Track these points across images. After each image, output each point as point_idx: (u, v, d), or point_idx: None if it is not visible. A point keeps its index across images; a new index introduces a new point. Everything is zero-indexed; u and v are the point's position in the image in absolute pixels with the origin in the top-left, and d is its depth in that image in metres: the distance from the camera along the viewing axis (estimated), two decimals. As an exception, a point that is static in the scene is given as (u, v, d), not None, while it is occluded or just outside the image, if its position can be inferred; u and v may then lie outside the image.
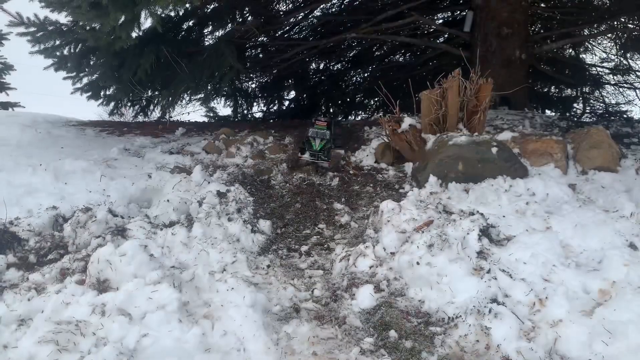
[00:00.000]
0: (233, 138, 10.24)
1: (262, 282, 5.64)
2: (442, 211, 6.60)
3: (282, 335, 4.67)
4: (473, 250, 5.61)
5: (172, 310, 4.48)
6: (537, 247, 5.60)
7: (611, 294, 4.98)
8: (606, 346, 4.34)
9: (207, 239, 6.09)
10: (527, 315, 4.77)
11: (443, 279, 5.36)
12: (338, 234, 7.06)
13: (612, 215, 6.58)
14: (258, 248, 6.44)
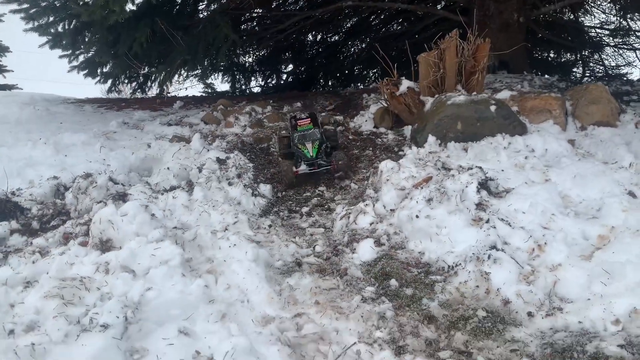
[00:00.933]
0: (231, 109, 10.23)
1: (264, 240, 5.69)
2: (441, 168, 6.62)
3: (284, 287, 4.73)
4: (472, 202, 5.64)
5: (175, 265, 4.53)
6: (536, 197, 5.62)
7: (610, 238, 5.02)
8: (605, 286, 4.38)
9: (208, 202, 6.13)
10: (526, 261, 4.82)
11: (442, 231, 5.40)
12: (338, 195, 7.09)
13: (611, 167, 6.58)
14: (259, 210, 6.48)
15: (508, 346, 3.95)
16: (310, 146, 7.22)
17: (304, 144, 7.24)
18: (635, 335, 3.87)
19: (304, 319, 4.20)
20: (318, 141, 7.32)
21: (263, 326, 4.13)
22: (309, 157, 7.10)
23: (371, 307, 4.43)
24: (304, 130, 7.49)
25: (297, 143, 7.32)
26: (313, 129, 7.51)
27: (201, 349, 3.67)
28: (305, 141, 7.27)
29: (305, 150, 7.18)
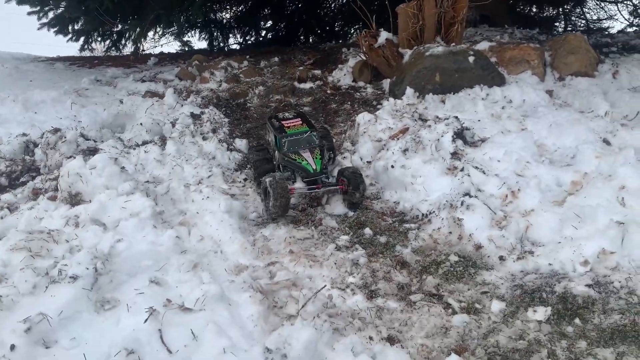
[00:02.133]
0: (207, 64, 9.99)
1: (239, 193, 5.63)
2: (418, 119, 6.56)
3: (258, 237, 4.71)
4: (447, 151, 5.61)
5: (146, 217, 4.46)
6: (511, 145, 5.61)
7: (583, 184, 5.04)
8: (575, 230, 4.42)
9: (181, 156, 6.02)
10: (499, 207, 4.83)
11: (417, 180, 5.38)
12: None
13: (587, 115, 6.57)
14: (234, 165, 6.39)
15: (479, 289, 3.99)
16: (309, 156, 5.21)
17: (298, 153, 5.25)
18: (602, 275, 3.93)
19: (277, 267, 4.19)
20: (318, 148, 5.33)
21: (236, 275, 4.12)
22: (310, 171, 5.12)
23: (345, 255, 4.43)
24: (296, 134, 5.42)
25: (288, 152, 5.28)
26: (308, 131, 5.48)
27: (172, 297, 3.65)
28: (300, 149, 5.29)
29: (304, 163, 5.16)
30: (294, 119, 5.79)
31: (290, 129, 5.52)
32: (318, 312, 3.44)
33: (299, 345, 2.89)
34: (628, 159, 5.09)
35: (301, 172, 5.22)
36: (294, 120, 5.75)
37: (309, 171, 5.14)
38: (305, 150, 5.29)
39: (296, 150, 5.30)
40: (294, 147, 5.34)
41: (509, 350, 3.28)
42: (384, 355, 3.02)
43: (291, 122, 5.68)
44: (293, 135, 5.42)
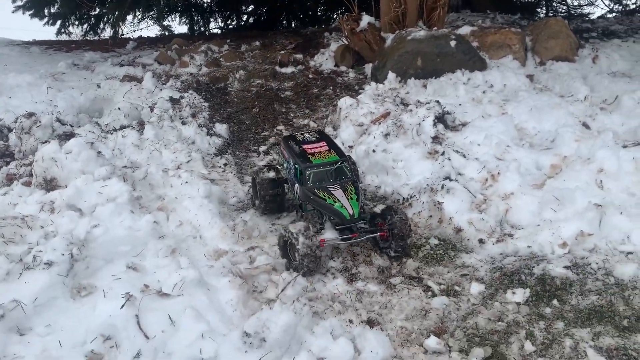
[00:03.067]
0: (186, 48, 9.83)
1: (219, 178, 5.58)
2: (400, 103, 6.53)
3: (238, 222, 4.65)
4: (428, 135, 5.60)
5: (123, 202, 4.38)
6: (491, 129, 5.61)
7: (562, 167, 5.08)
8: (554, 212, 4.45)
9: (160, 141, 5.93)
10: (479, 190, 4.84)
11: (398, 164, 5.37)
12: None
13: (567, 100, 6.61)
14: (215, 150, 6.32)
15: (458, 271, 4.00)
16: (342, 196, 4.07)
17: (327, 190, 4.11)
18: (580, 257, 3.96)
19: (257, 251, 4.16)
20: (351, 184, 4.20)
21: (215, 260, 4.08)
22: (347, 217, 3.98)
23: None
24: (323, 165, 4.24)
25: (314, 188, 4.15)
26: (339, 161, 4.29)
27: (150, 282, 3.59)
28: (330, 185, 4.15)
29: (337, 205, 4.01)
30: (317, 142, 4.58)
31: (316, 158, 4.30)
32: (298, 295, 3.42)
33: (278, 329, 2.86)
34: (606, 142, 5.14)
35: (332, 216, 4.07)
36: (317, 144, 4.53)
37: (345, 217, 3.96)
38: (336, 187, 4.11)
39: (324, 186, 4.12)
40: (321, 181, 4.16)
41: (488, 331, 3.30)
42: (363, 337, 3.01)
43: (315, 147, 4.47)
44: (320, 167, 4.20)
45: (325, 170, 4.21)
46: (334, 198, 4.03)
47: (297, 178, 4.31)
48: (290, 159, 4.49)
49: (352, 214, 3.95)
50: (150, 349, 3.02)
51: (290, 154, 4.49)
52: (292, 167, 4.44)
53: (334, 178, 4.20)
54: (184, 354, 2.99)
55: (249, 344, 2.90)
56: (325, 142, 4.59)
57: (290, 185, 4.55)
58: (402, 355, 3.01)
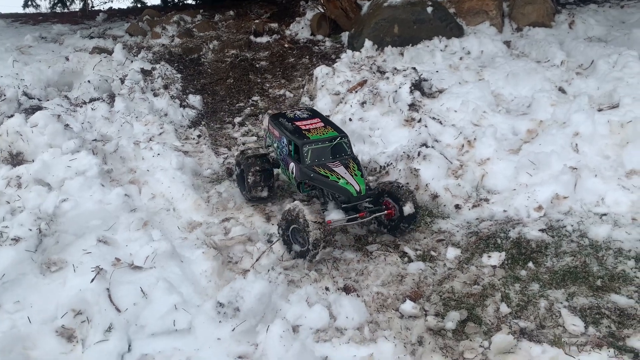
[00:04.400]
0: (158, 19, 9.55)
1: (193, 150, 5.46)
2: (377, 71, 6.45)
3: (212, 194, 4.57)
4: (405, 103, 5.54)
5: (92, 176, 4.26)
6: (468, 95, 5.57)
7: (538, 131, 5.07)
8: (530, 177, 4.45)
9: (131, 113, 5.77)
10: (455, 156, 4.82)
11: (375, 132, 5.32)
12: (273, 104, 6.85)
13: (543, 65, 6.58)
14: (188, 122, 6.19)
15: (435, 237, 3.99)
16: (345, 173, 3.80)
17: (328, 167, 3.84)
18: (555, 219, 3.98)
19: (232, 222, 4.10)
20: (352, 161, 3.96)
21: (189, 232, 4.01)
22: (354, 194, 3.68)
23: (302, 209, 4.35)
24: (322, 141, 3.98)
25: (313, 166, 3.88)
26: (338, 137, 4.05)
27: (121, 256, 3.51)
28: (329, 162, 3.91)
29: (342, 182, 3.72)
30: (310, 119, 4.31)
31: (312, 134, 4.03)
32: (273, 264, 3.38)
33: (252, 298, 2.82)
34: (582, 105, 5.12)
35: (338, 194, 3.77)
36: (311, 121, 4.26)
37: (352, 194, 3.66)
38: (337, 164, 3.87)
39: (324, 163, 3.88)
40: (320, 158, 3.91)
41: (464, 295, 3.30)
42: (338, 304, 2.99)
43: (309, 124, 4.20)
44: (318, 143, 3.94)
45: (323, 146, 3.95)
46: (337, 175, 3.76)
47: (292, 157, 4.05)
48: (282, 137, 4.21)
49: (358, 190, 3.67)
50: (122, 322, 2.96)
51: (283, 132, 4.20)
52: (284, 145, 4.18)
53: (333, 155, 3.96)
54: (157, 326, 2.94)
55: (223, 314, 2.86)
56: (320, 119, 4.33)
57: (284, 165, 4.27)
58: (377, 320, 2.99)
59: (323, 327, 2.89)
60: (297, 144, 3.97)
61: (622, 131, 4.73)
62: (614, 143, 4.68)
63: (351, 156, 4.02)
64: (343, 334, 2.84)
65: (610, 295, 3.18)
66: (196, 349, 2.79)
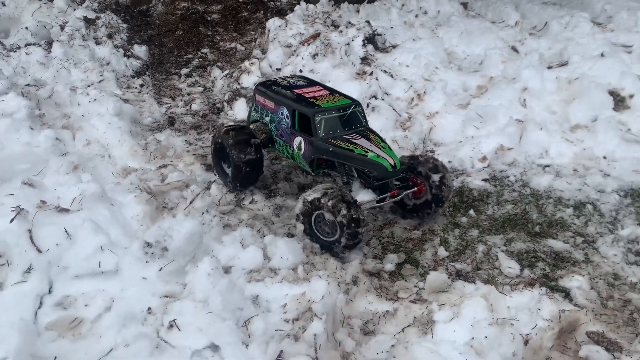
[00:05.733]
0: (106, -32, 9.04)
1: (134, 99, 5.22)
2: (330, 25, 6.28)
3: (151, 141, 4.37)
4: (357, 56, 5.41)
5: (21, 118, 3.98)
6: (421, 51, 5.48)
7: (488, 87, 5.04)
8: (477, 130, 4.43)
9: (70, 59, 5.45)
10: (404, 109, 4.75)
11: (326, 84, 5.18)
12: (223, 57, 6.61)
13: (498, 25, 6.55)
14: (132, 71, 5.90)
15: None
16: (372, 146, 3.24)
17: (350, 141, 3.26)
18: (499, 170, 3.98)
19: (169, 169, 3.92)
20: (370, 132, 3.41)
21: (124, 177, 3.82)
22: (389, 169, 3.12)
23: (245, 158, 4.22)
24: (336, 109, 3.38)
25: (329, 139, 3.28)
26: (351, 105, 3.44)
27: (48, 199, 3.29)
28: (348, 135, 3.31)
29: (372, 155, 3.16)
30: (310, 86, 3.71)
31: (321, 101, 3.42)
32: (207, 207, 3.24)
33: (181, 237, 2.68)
34: (532, 62, 5.13)
35: (370, 170, 3.23)
36: (312, 88, 3.66)
37: (386, 169, 3.10)
38: (355, 136, 3.29)
39: (340, 135, 3.28)
40: (335, 130, 3.31)
41: (403, 239, 3.26)
42: (274, 245, 2.89)
43: (312, 91, 3.58)
44: (332, 111, 3.34)
45: (338, 115, 3.33)
46: (362, 148, 3.16)
47: (297, 130, 3.41)
48: (281, 107, 3.54)
49: (393, 164, 3.10)
50: (43, 263, 2.78)
51: (281, 102, 3.53)
52: (283, 118, 3.52)
53: (348, 126, 3.35)
54: (80, 267, 2.78)
55: (151, 254, 2.71)
56: (321, 86, 3.72)
57: (284, 142, 3.56)
58: (313, 261, 2.91)
59: (256, 267, 2.80)
60: (305, 113, 3.32)
61: (570, 87, 4.76)
62: (561, 99, 4.71)
63: (367, 127, 3.44)
64: (277, 274, 2.75)
65: (547, 241, 3.20)
66: (121, 289, 2.65)
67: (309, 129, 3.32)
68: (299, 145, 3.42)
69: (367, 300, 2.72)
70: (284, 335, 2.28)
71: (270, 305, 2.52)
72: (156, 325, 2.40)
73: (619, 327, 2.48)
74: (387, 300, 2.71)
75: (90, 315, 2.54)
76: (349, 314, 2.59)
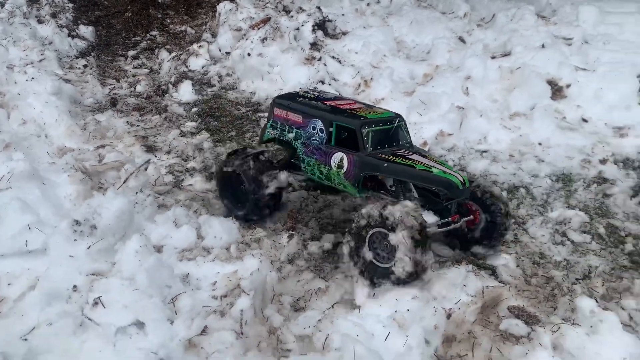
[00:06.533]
0: (53, -54, 8.71)
1: (77, 79, 5.08)
2: (282, 10, 6.25)
3: (90, 121, 4.26)
4: (307, 41, 5.41)
5: (-51, 95, 3.84)
6: (370, 39, 5.52)
7: (433, 75, 5.13)
8: (420, 116, 4.50)
9: (8, 37, 5.24)
10: (351, 95, 4.78)
11: (274, 69, 5.17)
12: (173, 40, 6.49)
13: (448, 16, 6.67)
14: (76, 52, 5.74)
15: (322, 170, 3.95)
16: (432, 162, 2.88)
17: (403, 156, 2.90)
18: (438, 155, 4.05)
19: (107, 149, 3.82)
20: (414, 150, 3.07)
21: (59, 157, 3.71)
22: (459, 187, 2.75)
23: (189, 140, 4.17)
24: (382, 121, 3.01)
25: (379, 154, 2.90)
26: (396, 118, 3.09)
27: (-26, 179, 3.18)
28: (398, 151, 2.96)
29: (437, 172, 2.80)
30: (339, 99, 3.44)
31: (363, 113, 3.04)
32: (142, 186, 3.18)
33: (110, 215, 2.63)
34: (476, 51, 5.24)
35: (437, 189, 2.81)
36: (344, 101, 3.36)
37: (457, 187, 2.72)
38: (407, 152, 2.94)
39: (388, 151, 2.91)
40: (382, 146, 2.94)
41: (341, 220, 3.29)
42: (208, 225, 2.87)
43: (346, 103, 3.21)
44: (379, 124, 2.97)
45: (385, 129, 2.95)
46: (422, 164, 2.78)
47: (336, 144, 2.96)
48: (312, 121, 3.07)
49: (462, 181, 2.72)
50: (-35, 243, 2.68)
51: (313, 114, 3.08)
52: (316, 132, 3.04)
53: (395, 142, 2.99)
54: (6, 246, 2.69)
55: (79, 233, 2.65)
56: (351, 100, 3.42)
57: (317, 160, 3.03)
58: (248, 241, 2.91)
59: (189, 246, 2.78)
60: (350, 125, 2.92)
61: (512, 77, 4.89)
62: (502, 88, 4.83)
63: (411, 145, 3.05)
64: (209, 252, 2.74)
65: (480, 222, 3.28)
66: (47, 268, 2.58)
67: (352, 144, 2.89)
68: (340, 162, 2.94)
69: (302, 278, 2.74)
70: (211, 311, 2.28)
71: (201, 283, 2.51)
72: (81, 303, 2.34)
73: (540, 302, 2.58)
74: (320, 279, 2.74)
75: (12, 294, 2.47)
76: (281, 292, 2.60)
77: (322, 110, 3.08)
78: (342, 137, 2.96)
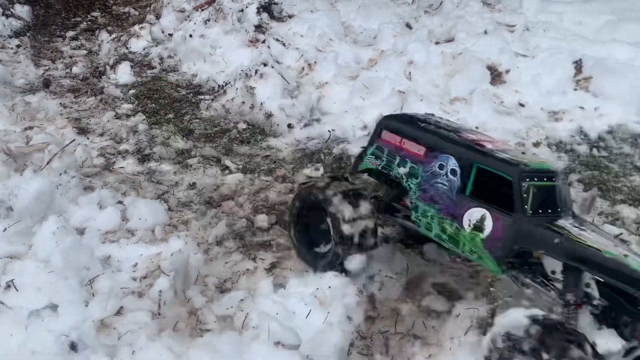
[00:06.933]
0: None
1: (8, 59, 4.87)
2: (227, -7, 6.13)
3: (18, 102, 4.08)
4: (251, 23, 5.32)
5: None
6: (316, 22, 5.48)
7: (377, 60, 5.14)
8: (363, 100, 4.51)
9: None
10: (294, 78, 4.73)
11: (217, 51, 5.08)
12: (115, 21, 6.29)
13: (396, 2, 6.66)
14: (10, 31, 5.49)
15: (262, 153, 3.92)
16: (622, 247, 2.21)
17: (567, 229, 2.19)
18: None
19: (35, 131, 3.68)
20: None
21: (-17, 139, 3.54)
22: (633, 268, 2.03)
23: (123, 122, 4.05)
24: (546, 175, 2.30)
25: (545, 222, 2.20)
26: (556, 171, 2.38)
27: None
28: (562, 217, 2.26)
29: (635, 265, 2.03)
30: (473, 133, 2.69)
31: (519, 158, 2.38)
32: (66, 167, 3.07)
33: (28, 196, 2.52)
34: (420, 37, 5.26)
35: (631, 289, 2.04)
36: (482, 136, 2.66)
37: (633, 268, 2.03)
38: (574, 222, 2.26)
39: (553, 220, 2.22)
40: (545, 209, 2.25)
41: (277, 202, 3.27)
42: (133, 206, 2.79)
43: (489, 141, 2.54)
44: (544, 177, 2.28)
45: (550, 185, 2.26)
46: (611, 251, 2.06)
47: (475, 197, 2.29)
48: (441, 156, 2.40)
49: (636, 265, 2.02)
50: None
51: (444, 147, 2.41)
52: (444, 173, 2.38)
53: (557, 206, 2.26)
54: None
55: (-5, 215, 2.54)
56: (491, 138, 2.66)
57: (439, 212, 2.38)
58: (175, 223, 2.86)
59: (113, 228, 2.70)
60: (505, 173, 2.23)
61: (454, 62, 4.94)
62: (444, 73, 4.88)
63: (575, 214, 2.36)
64: (133, 234, 2.67)
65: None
66: (-43, 252, 2.46)
67: (504, 200, 2.20)
68: (479, 223, 2.26)
69: (230, 260, 2.71)
70: (128, 292, 2.22)
71: (122, 265, 2.44)
72: (-8, 286, 2.25)
73: (463, 279, 2.62)
74: (249, 260, 2.71)
75: None
76: (208, 273, 2.56)
77: (459, 145, 2.37)
78: (485, 187, 2.27)
